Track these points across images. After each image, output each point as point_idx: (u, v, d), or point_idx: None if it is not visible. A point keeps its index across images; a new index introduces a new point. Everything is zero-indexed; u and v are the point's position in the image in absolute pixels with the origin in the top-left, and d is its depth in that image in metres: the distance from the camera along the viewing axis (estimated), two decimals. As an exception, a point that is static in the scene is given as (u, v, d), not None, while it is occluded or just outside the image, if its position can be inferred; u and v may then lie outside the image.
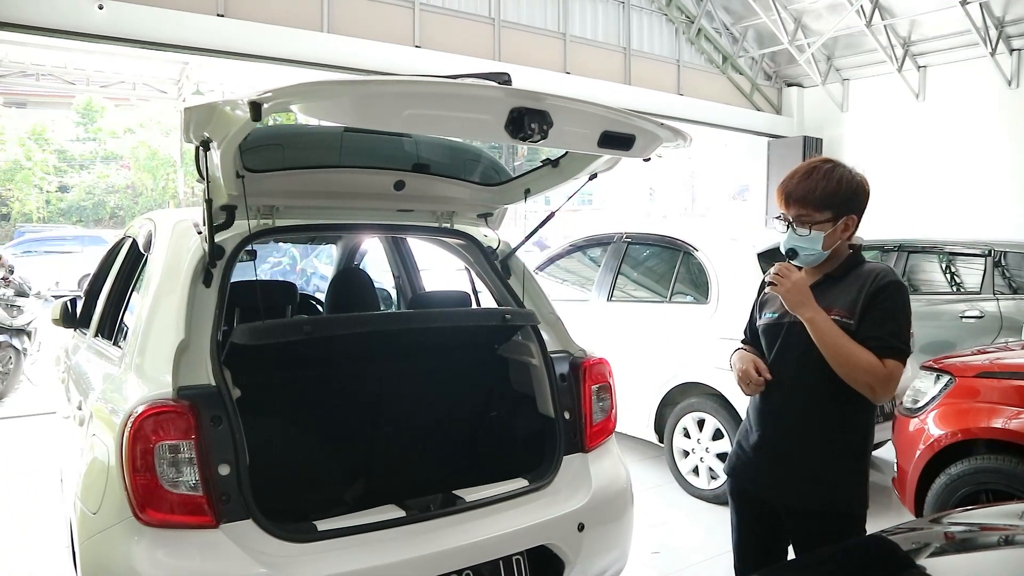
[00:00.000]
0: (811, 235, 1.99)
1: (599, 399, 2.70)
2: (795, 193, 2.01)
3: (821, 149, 14.25)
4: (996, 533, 1.76)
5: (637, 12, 13.39)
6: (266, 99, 1.66)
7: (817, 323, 1.94)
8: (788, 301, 1.99)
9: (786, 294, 1.98)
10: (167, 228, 2.50)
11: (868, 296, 1.95)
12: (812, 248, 2.00)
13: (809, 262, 2.05)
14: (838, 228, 2.00)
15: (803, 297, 1.96)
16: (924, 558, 1.70)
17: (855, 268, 2.05)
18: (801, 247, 2.02)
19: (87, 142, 28.40)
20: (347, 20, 9.94)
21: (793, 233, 2.02)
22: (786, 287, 1.98)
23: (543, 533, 2.35)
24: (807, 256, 2.03)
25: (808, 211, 1.99)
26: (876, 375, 1.89)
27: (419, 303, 3.63)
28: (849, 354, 1.91)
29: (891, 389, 1.93)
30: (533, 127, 1.88)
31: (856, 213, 2.02)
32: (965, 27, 11.69)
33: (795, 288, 1.97)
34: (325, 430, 2.86)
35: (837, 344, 1.92)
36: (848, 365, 1.91)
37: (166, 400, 1.95)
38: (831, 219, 1.98)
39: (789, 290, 1.97)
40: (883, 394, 1.93)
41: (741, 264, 4.62)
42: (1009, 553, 1.69)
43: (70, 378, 3.23)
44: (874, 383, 1.90)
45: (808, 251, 2.02)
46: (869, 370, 1.89)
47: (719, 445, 4.55)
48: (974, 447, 3.23)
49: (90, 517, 2.04)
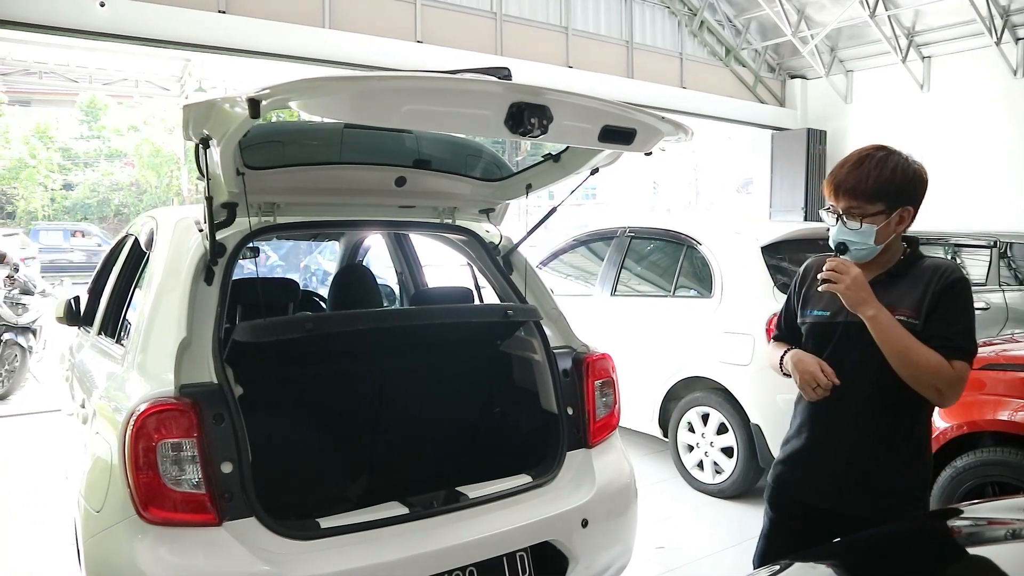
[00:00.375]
0: (862, 229, 1.85)
1: (602, 394, 2.69)
2: (845, 183, 1.86)
3: (825, 141, 14.20)
4: (1003, 527, 1.75)
5: (639, 5, 13.34)
6: (265, 96, 1.66)
7: (881, 322, 1.80)
8: (848, 299, 1.84)
9: (845, 292, 1.83)
10: (169, 226, 2.50)
11: (935, 294, 1.83)
12: (864, 243, 1.87)
13: (860, 257, 1.90)
14: (892, 221, 1.86)
15: (864, 294, 1.82)
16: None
17: (916, 264, 1.92)
18: (852, 241, 1.87)
19: (91, 140, 28.41)
20: (348, 16, 9.92)
21: (843, 226, 1.88)
22: (845, 284, 1.82)
23: (547, 529, 2.35)
24: (858, 251, 1.88)
25: (859, 203, 1.85)
26: (944, 377, 1.78)
27: (421, 299, 3.63)
28: (916, 355, 1.78)
29: (958, 392, 1.82)
30: (533, 122, 1.87)
31: (912, 204, 1.87)
32: (970, 16, 11.61)
33: (855, 285, 1.82)
34: (328, 427, 2.86)
35: (903, 345, 1.79)
36: (914, 367, 1.79)
37: (168, 398, 1.95)
38: (884, 211, 1.84)
39: (849, 287, 1.82)
40: (950, 397, 1.83)
41: (745, 258, 4.61)
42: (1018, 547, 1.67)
43: (74, 376, 3.24)
44: (941, 386, 1.79)
45: (859, 246, 1.87)
46: (936, 372, 1.78)
47: (723, 439, 4.54)
48: (980, 440, 3.22)
49: (93, 515, 2.04)
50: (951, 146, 12.12)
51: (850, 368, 1.90)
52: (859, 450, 1.93)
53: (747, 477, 4.46)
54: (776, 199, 14.33)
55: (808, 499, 2.02)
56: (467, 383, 3.06)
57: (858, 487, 1.92)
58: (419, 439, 2.98)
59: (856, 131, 13.96)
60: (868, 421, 1.92)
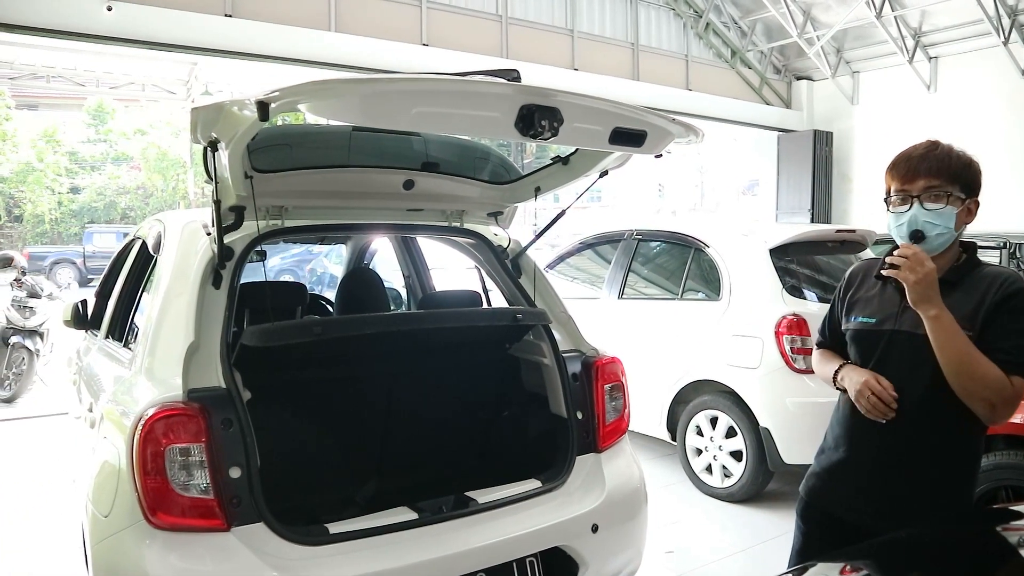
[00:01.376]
0: (944, 209, 1.72)
1: (612, 398, 2.67)
2: (924, 164, 1.75)
3: (831, 143, 14.16)
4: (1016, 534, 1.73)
5: (645, 7, 13.33)
6: (273, 99, 1.65)
7: (943, 323, 1.67)
8: (914, 292, 1.68)
9: (915, 284, 1.67)
10: (176, 229, 2.50)
11: (994, 304, 1.71)
12: (945, 226, 1.73)
13: (938, 245, 1.76)
14: (963, 211, 1.75)
15: (932, 291, 1.67)
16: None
17: (972, 272, 1.79)
18: (932, 224, 1.73)
19: (98, 143, 28.55)
20: (354, 19, 9.94)
21: (921, 208, 1.74)
22: (917, 275, 1.66)
23: (557, 534, 2.33)
24: (938, 236, 1.74)
25: (940, 181, 1.73)
26: (1000, 392, 1.66)
27: (429, 303, 3.62)
28: (976, 365, 1.65)
29: (1012, 410, 1.70)
30: (543, 124, 1.85)
31: (977, 199, 1.78)
32: (977, 16, 11.56)
33: (925, 280, 1.66)
34: (336, 431, 2.84)
35: (962, 351, 1.66)
36: (970, 377, 1.66)
37: (176, 403, 1.94)
38: (962, 197, 1.74)
39: (919, 280, 1.66)
40: (1003, 415, 1.70)
41: (753, 260, 4.58)
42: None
43: (81, 380, 3.24)
44: (996, 401, 1.67)
45: (941, 229, 1.73)
46: (994, 386, 1.65)
47: (732, 443, 4.52)
48: (993, 443, 3.19)
49: (101, 520, 2.04)
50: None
51: (895, 381, 1.79)
52: (899, 470, 1.83)
53: (756, 481, 4.43)
54: (782, 201, 14.29)
55: (842, 515, 1.93)
56: (476, 387, 3.04)
57: (895, 507, 1.83)
58: (428, 443, 2.96)
59: (862, 132, 13.92)
60: (916, 437, 1.80)
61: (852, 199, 14.08)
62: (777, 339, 4.26)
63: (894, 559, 1.63)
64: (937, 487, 1.82)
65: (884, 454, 1.84)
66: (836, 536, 1.92)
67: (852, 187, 14.10)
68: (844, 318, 1.97)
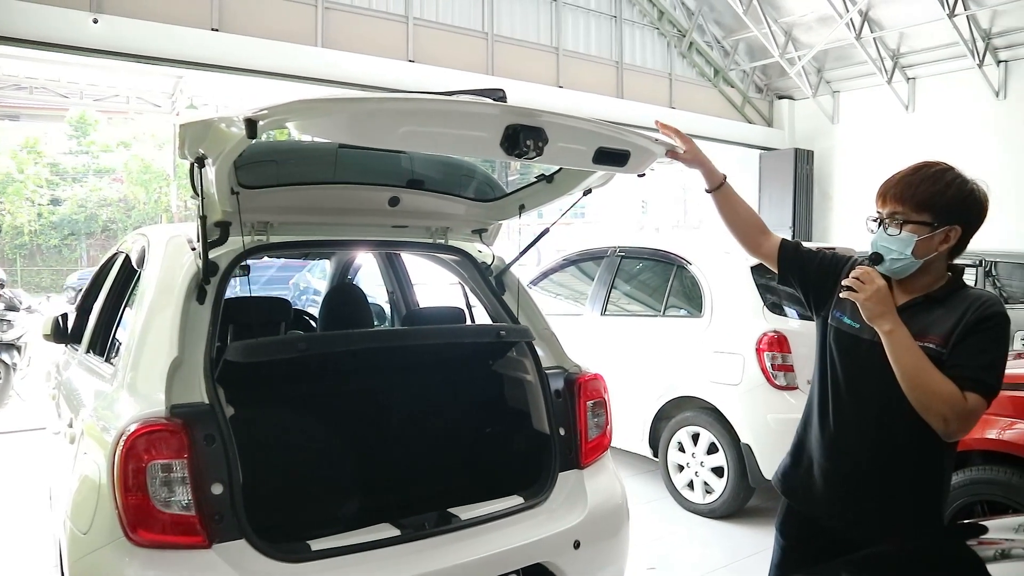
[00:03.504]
0: (901, 235, 1.75)
1: (594, 415, 2.69)
2: (894, 188, 1.77)
3: (812, 161, 14.34)
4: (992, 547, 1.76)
5: (629, 26, 13.49)
6: (262, 116, 1.66)
7: (896, 339, 1.71)
8: (866, 311, 1.74)
9: (865, 302, 1.73)
10: (161, 244, 2.49)
11: (968, 324, 1.73)
12: (901, 252, 1.76)
13: (896, 269, 1.79)
14: (936, 237, 1.75)
15: (884, 308, 1.72)
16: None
17: (957, 292, 1.80)
18: (888, 249, 1.77)
19: (80, 155, 28.35)
20: (341, 34, 9.98)
21: (883, 232, 1.78)
22: (866, 294, 1.72)
23: (539, 551, 2.33)
24: (895, 261, 1.77)
25: (904, 208, 1.75)
26: (954, 407, 1.67)
27: (413, 319, 3.62)
28: (928, 378, 1.68)
29: (967, 427, 1.71)
30: (528, 144, 1.88)
31: (961, 225, 1.76)
32: (953, 39, 11.80)
33: (876, 296, 1.72)
34: (319, 447, 2.84)
35: (915, 365, 1.69)
36: (924, 390, 1.69)
37: (159, 418, 1.93)
38: (929, 223, 1.74)
39: (869, 298, 1.72)
40: (957, 430, 1.71)
41: (734, 278, 4.63)
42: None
43: (61, 394, 3.21)
44: (950, 416, 1.67)
45: (896, 255, 1.76)
46: (947, 401, 1.67)
47: (714, 459, 4.54)
48: (969, 458, 3.23)
49: (80, 537, 2.01)
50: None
51: (871, 389, 1.82)
52: (881, 478, 1.85)
53: (737, 497, 4.45)
54: (764, 218, 13.77)
55: (824, 521, 1.95)
56: (459, 403, 3.05)
57: (868, 516, 1.86)
58: (411, 460, 2.96)
59: (843, 151, 14.12)
60: (882, 448, 1.84)
61: (833, 217, 14.26)
62: (758, 356, 4.30)
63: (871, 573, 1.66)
64: (908, 497, 1.84)
65: (863, 465, 1.87)
66: (814, 550, 1.94)
67: (833, 205, 14.28)
68: (832, 312, 1.96)
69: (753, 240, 2.15)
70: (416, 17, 10.73)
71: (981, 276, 7.00)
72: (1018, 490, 3.02)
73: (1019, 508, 2.99)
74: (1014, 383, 3.28)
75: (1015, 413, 3.11)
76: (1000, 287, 7.05)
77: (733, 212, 2.15)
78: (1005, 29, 11.72)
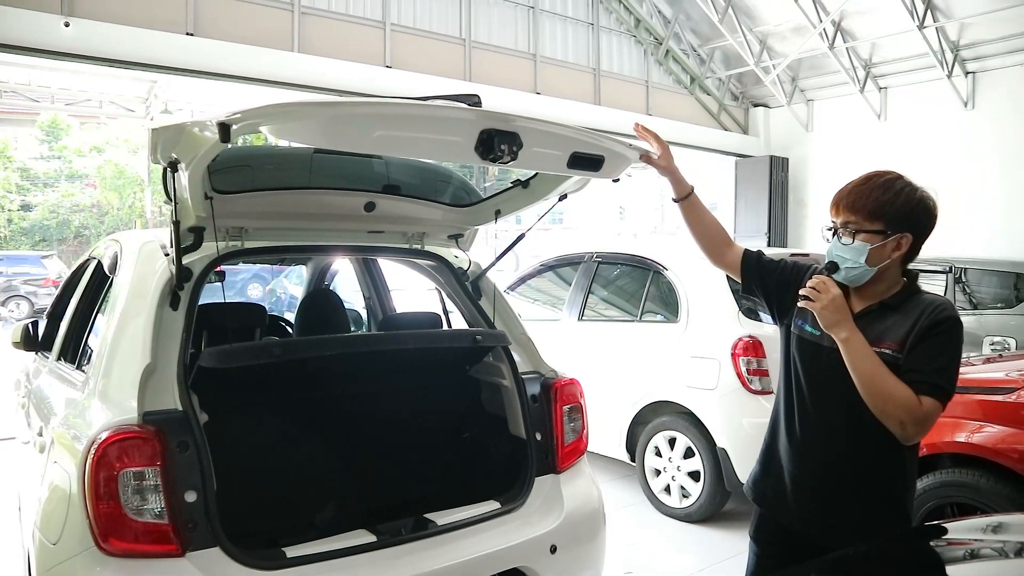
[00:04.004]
0: (855, 245, 1.80)
1: (570, 420, 2.70)
2: (847, 198, 1.83)
3: (787, 168, 14.51)
4: (962, 547, 1.79)
5: (606, 33, 13.58)
6: (235, 120, 1.66)
7: (853, 346, 1.77)
8: (822, 319, 1.80)
9: (821, 311, 1.79)
10: (133, 250, 2.47)
11: (922, 329, 1.77)
12: (855, 260, 1.81)
13: (851, 278, 1.84)
14: (889, 245, 1.80)
15: (839, 316, 1.78)
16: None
17: (912, 298, 1.85)
18: (843, 258, 1.82)
19: (51, 160, 27.89)
20: (318, 40, 9.93)
21: (837, 242, 1.84)
22: (822, 303, 1.78)
23: (515, 556, 2.34)
24: (850, 270, 1.83)
25: (856, 218, 1.81)
26: (910, 412, 1.72)
27: (390, 325, 3.61)
28: (884, 384, 1.73)
29: (923, 430, 1.76)
30: (503, 148, 1.89)
31: (912, 232, 1.81)
32: (923, 50, 12.02)
33: (831, 305, 1.78)
34: (295, 454, 2.82)
35: (871, 372, 1.75)
36: (880, 396, 1.74)
37: (131, 426, 1.91)
38: (882, 232, 1.79)
39: (825, 307, 1.78)
40: (913, 434, 1.76)
41: (710, 283, 4.67)
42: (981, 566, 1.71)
43: (31, 403, 3.16)
44: (906, 420, 1.73)
45: (851, 263, 1.82)
46: (903, 405, 1.72)
47: (690, 464, 4.57)
48: (939, 461, 3.28)
49: (49, 548, 1.98)
50: (907, 174, 12.43)
51: (833, 394, 1.86)
52: (845, 483, 1.89)
53: (714, 501, 4.49)
54: (740, 225, 14.57)
55: (796, 528, 1.98)
56: (436, 409, 3.04)
57: (838, 521, 1.89)
58: (388, 465, 2.95)
59: (817, 159, 14.30)
60: (846, 453, 1.87)
61: (807, 224, 14.42)
62: (733, 360, 4.34)
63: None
64: (875, 501, 1.88)
65: (827, 470, 1.91)
66: (788, 556, 1.97)
67: (807, 212, 14.44)
68: (792, 315, 2.00)
69: (717, 250, 2.20)
70: (393, 23, 10.72)
71: (951, 283, 7.12)
72: (986, 492, 3.07)
73: (987, 509, 3.04)
74: (983, 387, 3.35)
75: (984, 417, 3.17)
76: (970, 293, 7.18)
77: (699, 222, 2.19)
78: (973, 41, 11.96)
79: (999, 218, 11.61)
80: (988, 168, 11.93)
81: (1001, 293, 7.12)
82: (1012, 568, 1.65)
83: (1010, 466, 3.01)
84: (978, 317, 6.89)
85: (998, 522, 1.99)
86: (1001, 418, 3.13)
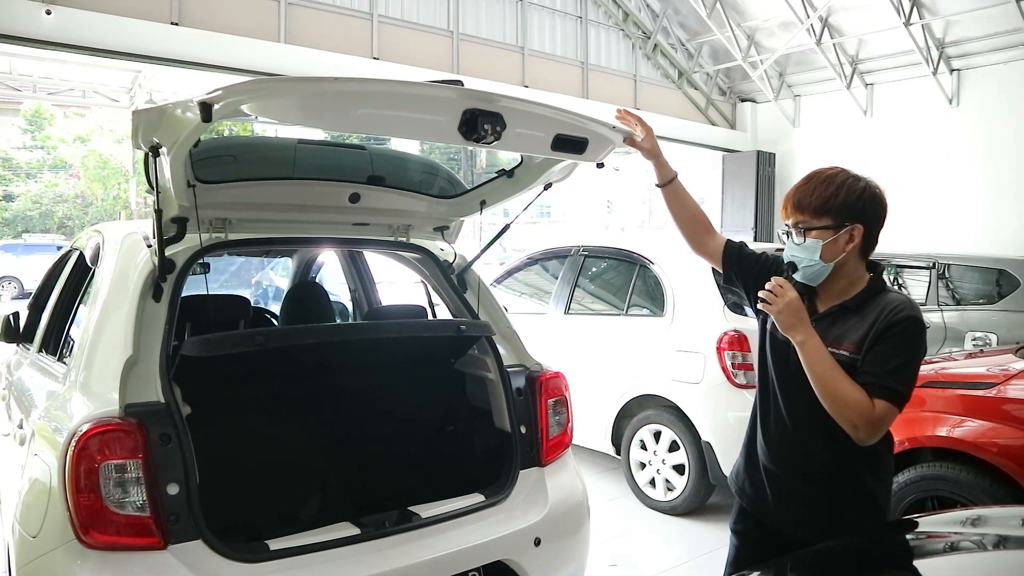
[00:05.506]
0: (807, 243, 1.81)
1: (555, 413, 2.70)
2: (793, 198, 1.86)
3: (774, 163, 14.58)
4: (941, 541, 1.80)
5: (595, 27, 13.57)
6: (216, 99, 1.64)
7: (807, 348, 1.77)
8: (780, 322, 1.81)
9: (777, 314, 1.80)
10: (116, 241, 2.45)
11: (878, 330, 1.77)
12: (810, 258, 1.82)
13: (810, 275, 1.85)
14: (840, 239, 1.81)
15: (795, 319, 1.78)
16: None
17: (873, 298, 1.84)
18: (799, 257, 1.84)
19: (34, 150, 27.59)
20: (304, 31, 9.87)
21: (791, 242, 1.86)
22: (778, 307, 1.79)
23: (499, 548, 2.34)
24: (807, 269, 1.84)
25: (805, 216, 1.83)
26: (862, 414, 1.72)
27: (375, 317, 3.60)
28: (837, 387, 1.74)
29: (876, 433, 1.77)
30: (486, 128, 1.88)
31: (862, 223, 1.82)
32: (909, 47, 12.10)
33: (787, 309, 1.78)
34: (279, 446, 2.81)
35: (825, 374, 1.75)
36: (833, 398, 1.75)
37: (112, 418, 1.90)
38: (831, 227, 1.80)
39: (781, 310, 1.79)
40: (866, 436, 1.76)
41: (697, 277, 4.69)
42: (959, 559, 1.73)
43: (11, 395, 3.12)
44: (858, 423, 1.73)
45: (807, 262, 1.83)
46: (855, 408, 1.73)
47: (675, 457, 4.59)
48: (920, 455, 3.32)
49: (30, 541, 1.97)
50: (892, 170, 12.52)
51: (801, 395, 1.86)
52: (809, 479, 1.91)
53: (698, 494, 4.51)
54: (727, 219, 14.64)
55: (774, 523, 2.00)
56: (421, 401, 3.04)
57: (813, 516, 1.91)
58: (373, 458, 2.95)
59: (804, 154, 14.37)
60: (817, 450, 1.88)
61: (793, 219, 14.51)
62: (719, 355, 4.36)
63: (817, 569, 1.69)
64: (851, 496, 1.89)
65: (806, 466, 1.92)
66: (766, 548, 1.98)
67: (793, 207, 14.52)
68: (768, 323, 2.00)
69: (699, 238, 2.20)
70: (381, 14, 10.67)
71: (935, 279, 7.17)
72: (966, 486, 3.10)
73: (967, 503, 3.08)
74: (963, 382, 3.38)
75: (964, 411, 3.21)
76: (953, 289, 7.24)
77: (682, 208, 2.19)
78: (958, 39, 12.05)
79: (982, 214, 11.73)
80: (972, 165, 12.04)
81: (983, 289, 7.18)
82: (984, 561, 1.67)
83: (989, 460, 3.05)
84: (960, 313, 6.95)
85: (976, 515, 2.01)
86: (981, 413, 3.16)
